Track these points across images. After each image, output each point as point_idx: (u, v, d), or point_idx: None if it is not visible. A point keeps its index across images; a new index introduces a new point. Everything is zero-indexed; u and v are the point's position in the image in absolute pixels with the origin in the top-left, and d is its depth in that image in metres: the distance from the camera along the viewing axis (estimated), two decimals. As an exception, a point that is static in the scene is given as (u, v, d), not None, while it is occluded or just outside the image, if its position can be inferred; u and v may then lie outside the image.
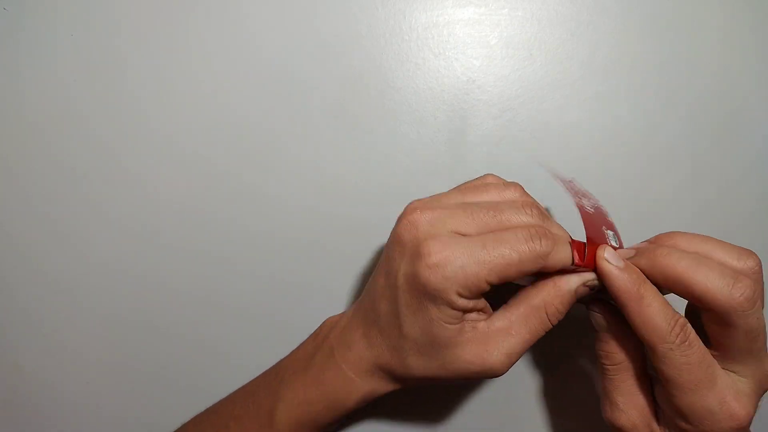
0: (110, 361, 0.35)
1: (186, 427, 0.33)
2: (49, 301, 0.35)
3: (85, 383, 0.35)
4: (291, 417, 0.28)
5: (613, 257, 0.24)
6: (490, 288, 0.24)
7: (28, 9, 0.35)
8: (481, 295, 0.25)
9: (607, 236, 0.26)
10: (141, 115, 0.35)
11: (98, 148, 0.35)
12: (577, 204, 0.27)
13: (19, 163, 0.35)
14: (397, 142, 0.34)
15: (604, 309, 0.26)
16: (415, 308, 0.25)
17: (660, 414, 0.26)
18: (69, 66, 0.35)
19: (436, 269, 0.23)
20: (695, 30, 0.34)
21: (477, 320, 0.25)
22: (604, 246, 0.25)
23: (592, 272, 0.25)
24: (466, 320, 0.25)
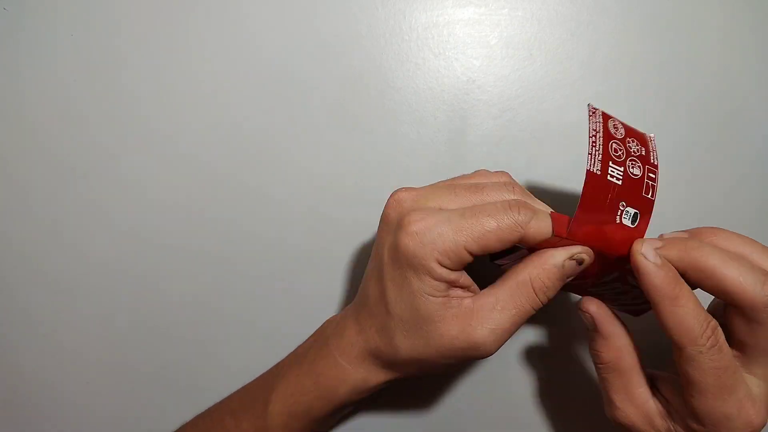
0: (110, 361, 0.35)
1: (185, 428, 0.33)
2: (48, 302, 0.35)
3: (85, 383, 0.35)
4: (284, 407, 0.28)
5: (651, 253, 0.24)
6: (472, 259, 0.24)
7: (28, 9, 0.35)
8: (462, 268, 0.25)
9: (622, 213, 0.25)
10: (141, 115, 0.35)
11: (98, 148, 0.35)
12: (588, 169, 0.24)
13: (19, 163, 0.35)
14: (397, 142, 0.34)
15: (593, 307, 0.26)
16: (400, 282, 0.25)
17: (671, 411, 0.26)
18: (69, 66, 0.35)
19: (415, 236, 0.24)
20: (695, 30, 0.34)
21: (462, 297, 0.25)
22: (641, 240, 0.24)
23: (578, 245, 0.25)
24: (451, 296, 0.25)
